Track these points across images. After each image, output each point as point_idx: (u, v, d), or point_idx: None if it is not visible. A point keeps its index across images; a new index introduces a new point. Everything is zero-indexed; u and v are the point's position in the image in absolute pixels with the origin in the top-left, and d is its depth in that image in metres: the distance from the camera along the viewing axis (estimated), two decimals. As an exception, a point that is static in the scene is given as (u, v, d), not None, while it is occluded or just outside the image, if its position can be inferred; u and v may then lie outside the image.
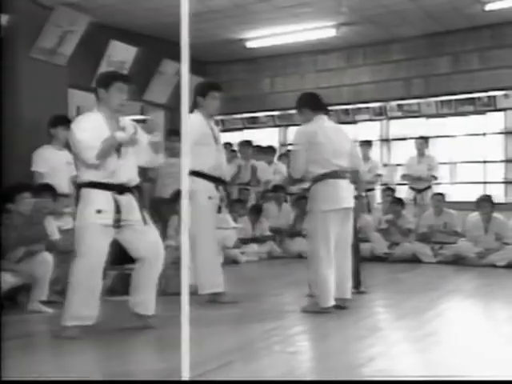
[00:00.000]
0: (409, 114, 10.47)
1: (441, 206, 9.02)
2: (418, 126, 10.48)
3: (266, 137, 11.70)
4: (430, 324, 4.75)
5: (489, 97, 9.78)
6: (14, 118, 7.58)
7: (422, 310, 5.25)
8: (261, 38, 10.02)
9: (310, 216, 5.25)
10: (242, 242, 8.83)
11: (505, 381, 3.23)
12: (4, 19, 7.29)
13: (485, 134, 10.17)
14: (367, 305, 5.49)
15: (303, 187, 5.51)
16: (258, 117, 11.89)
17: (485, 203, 8.53)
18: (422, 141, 9.72)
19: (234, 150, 10.32)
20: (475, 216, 8.64)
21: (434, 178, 9.59)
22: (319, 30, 9.56)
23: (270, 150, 10.37)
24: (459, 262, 8.43)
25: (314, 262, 5.12)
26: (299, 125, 5.43)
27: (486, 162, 10.20)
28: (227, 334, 4.46)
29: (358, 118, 10.86)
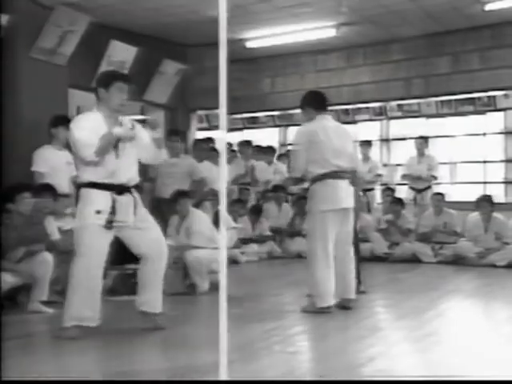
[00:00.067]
0: (409, 113, 10.48)
1: (441, 205, 9.02)
2: (418, 125, 10.48)
3: (266, 137, 11.68)
4: (430, 324, 4.75)
5: (489, 97, 9.78)
6: (14, 118, 7.58)
7: (422, 310, 5.25)
8: (261, 38, 9.97)
9: (309, 216, 5.26)
10: (242, 242, 8.79)
11: (505, 381, 3.23)
12: (4, 19, 7.29)
13: (485, 134, 10.17)
14: (367, 305, 5.49)
15: (303, 187, 5.48)
16: (257, 117, 11.87)
17: (485, 203, 8.53)
18: (422, 141, 9.72)
19: (233, 150, 10.26)
20: (475, 216, 8.64)
21: (434, 177, 9.59)
22: (319, 30, 9.56)
23: (269, 149, 10.34)
24: (459, 261, 8.43)
25: (312, 261, 5.13)
26: (299, 125, 5.42)
27: (486, 162, 10.21)
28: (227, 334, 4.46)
29: (358, 117, 10.87)
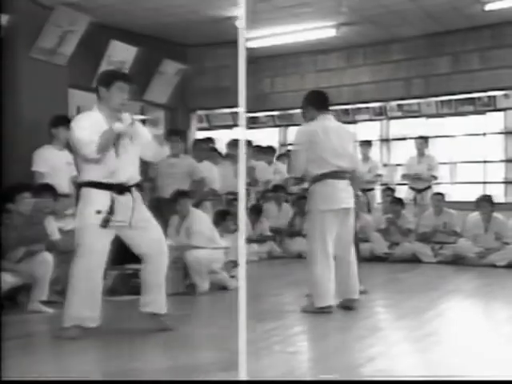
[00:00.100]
0: (409, 113, 10.48)
1: (441, 205, 9.02)
2: (417, 125, 10.47)
3: (266, 137, 11.66)
4: (430, 324, 4.76)
5: (489, 97, 9.78)
6: (14, 118, 7.58)
7: (422, 310, 5.25)
8: (261, 38, 9.92)
9: (309, 216, 5.26)
10: None
11: (505, 381, 3.23)
12: (4, 19, 7.29)
13: (485, 134, 10.17)
14: (367, 305, 5.49)
15: (303, 187, 5.47)
16: (257, 117, 11.84)
17: (485, 203, 8.53)
18: (422, 141, 9.72)
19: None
20: (475, 216, 8.64)
21: (434, 177, 9.59)
22: (319, 30, 9.56)
23: (269, 149, 10.33)
24: (459, 261, 8.43)
25: (311, 261, 5.13)
26: (299, 125, 5.41)
27: (486, 161, 10.20)
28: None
29: (358, 117, 10.87)
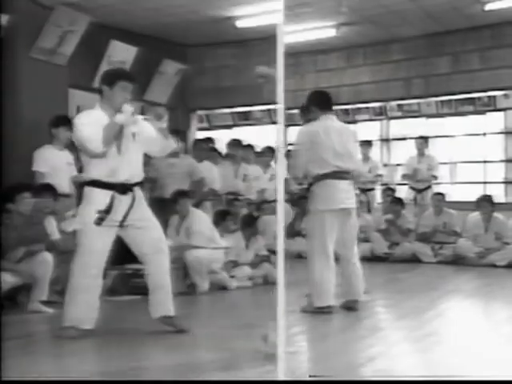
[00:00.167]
0: (409, 113, 10.47)
1: (441, 205, 9.02)
2: (417, 125, 10.47)
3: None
4: (430, 324, 4.75)
5: (489, 97, 9.78)
6: (14, 118, 7.58)
7: (422, 310, 5.25)
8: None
9: (309, 215, 5.27)
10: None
11: (505, 381, 3.23)
12: (4, 19, 7.29)
13: (485, 134, 10.16)
14: (367, 305, 5.49)
15: (303, 187, 5.44)
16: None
17: (485, 203, 8.54)
18: (422, 141, 9.72)
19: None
20: (475, 216, 8.64)
21: (434, 177, 9.59)
22: (319, 30, 9.54)
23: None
24: (459, 261, 8.43)
25: (311, 261, 5.13)
26: (299, 124, 5.40)
27: (486, 161, 10.20)
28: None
29: (358, 117, 10.85)
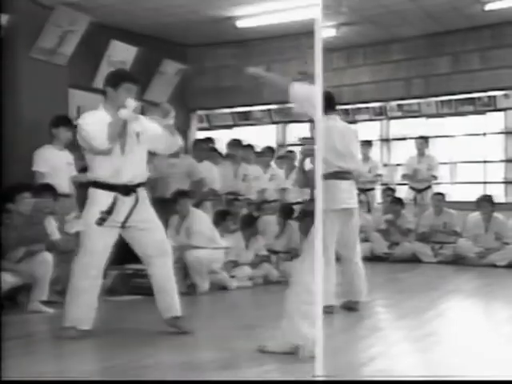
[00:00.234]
0: (409, 113, 10.47)
1: (441, 205, 9.03)
2: (417, 125, 10.47)
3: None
4: (430, 324, 4.76)
5: (489, 97, 9.78)
6: (14, 118, 7.57)
7: (422, 310, 5.25)
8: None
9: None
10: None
11: (505, 381, 3.23)
12: (4, 19, 7.29)
13: (485, 134, 10.16)
14: (367, 305, 5.49)
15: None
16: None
17: (485, 203, 8.55)
18: (422, 141, 9.72)
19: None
20: (475, 216, 8.65)
21: (434, 177, 9.59)
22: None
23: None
24: (459, 261, 8.44)
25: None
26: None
27: (486, 161, 10.20)
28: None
29: (358, 117, 10.84)
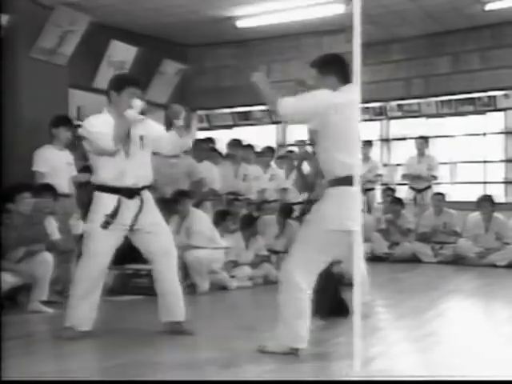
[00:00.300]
0: (409, 113, 10.46)
1: (441, 205, 9.03)
2: (417, 125, 10.47)
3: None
4: (430, 324, 4.76)
5: (489, 97, 9.78)
6: (14, 118, 7.58)
7: (422, 310, 5.25)
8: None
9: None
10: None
11: (505, 381, 3.23)
12: (4, 19, 7.29)
13: (485, 134, 10.16)
14: (367, 305, 5.47)
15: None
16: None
17: (485, 203, 8.55)
18: (422, 141, 9.72)
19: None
20: (476, 216, 8.65)
21: (434, 177, 9.59)
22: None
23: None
24: (459, 261, 8.44)
25: None
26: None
27: (486, 161, 10.20)
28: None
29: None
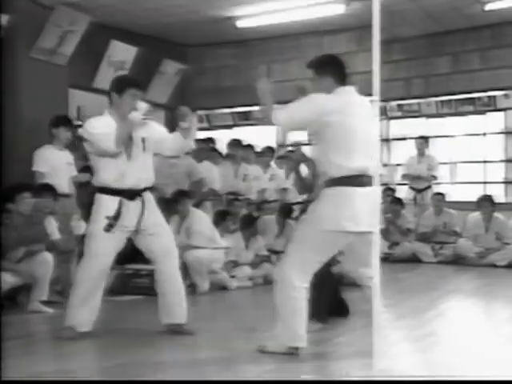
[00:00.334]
0: (409, 113, 10.45)
1: (441, 205, 9.03)
2: (417, 125, 10.46)
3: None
4: (430, 324, 4.75)
5: (489, 97, 9.77)
6: (14, 118, 7.58)
7: (422, 310, 5.25)
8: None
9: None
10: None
11: (505, 381, 3.23)
12: (4, 19, 7.29)
13: (485, 134, 10.16)
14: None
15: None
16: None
17: (486, 203, 8.55)
18: (422, 141, 9.71)
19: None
20: (476, 216, 8.65)
21: (434, 177, 9.58)
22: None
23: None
24: (459, 261, 8.44)
25: None
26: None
27: (486, 161, 10.19)
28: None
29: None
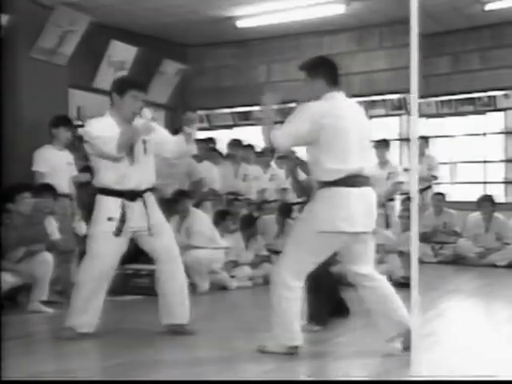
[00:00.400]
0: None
1: (441, 205, 9.03)
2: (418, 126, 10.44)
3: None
4: (430, 324, 4.75)
5: (489, 97, 9.77)
6: (14, 118, 7.58)
7: (422, 310, 5.21)
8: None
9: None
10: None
11: (505, 381, 3.23)
12: (4, 19, 7.29)
13: (485, 134, 10.16)
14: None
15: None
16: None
17: (486, 203, 8.55)
18: (422, 141, 9.70)
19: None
20: (476, 216, 8.65)
21: (434, 177, 9.58)
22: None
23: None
24: (459, 261, 8.44)
25: None
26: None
27: (486, 161, 10.20)
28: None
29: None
